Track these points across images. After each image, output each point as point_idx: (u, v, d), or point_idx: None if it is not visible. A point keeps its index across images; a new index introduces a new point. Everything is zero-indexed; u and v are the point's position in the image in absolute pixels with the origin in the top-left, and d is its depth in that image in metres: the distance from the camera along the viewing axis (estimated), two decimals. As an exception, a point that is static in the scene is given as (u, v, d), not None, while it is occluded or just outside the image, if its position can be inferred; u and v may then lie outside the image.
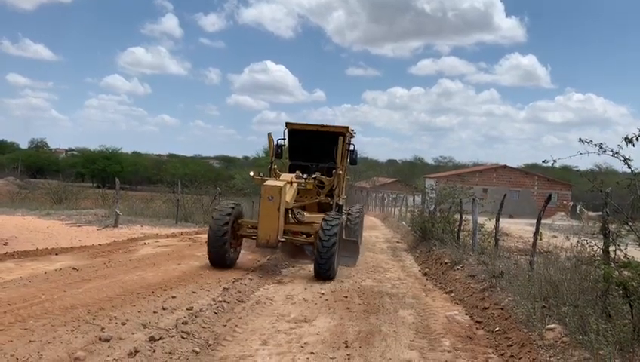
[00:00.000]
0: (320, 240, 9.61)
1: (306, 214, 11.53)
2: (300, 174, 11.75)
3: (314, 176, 12.11)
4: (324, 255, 9.52)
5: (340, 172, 12.33)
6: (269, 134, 12.54)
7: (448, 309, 8.02)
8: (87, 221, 17.82)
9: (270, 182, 10.32)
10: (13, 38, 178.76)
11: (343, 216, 12.79)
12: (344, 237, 11.50)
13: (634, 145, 5.34)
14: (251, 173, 11.65)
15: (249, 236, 10.50)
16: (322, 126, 12.87)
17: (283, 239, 10.07)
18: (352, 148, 13.03)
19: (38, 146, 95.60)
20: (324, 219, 9.92)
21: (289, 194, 10.29)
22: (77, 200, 28.30)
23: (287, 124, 13.07)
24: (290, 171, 12.46)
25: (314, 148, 12.83)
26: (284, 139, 12.92)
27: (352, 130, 13.64)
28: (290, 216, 10.61)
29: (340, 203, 13.04)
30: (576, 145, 5.64)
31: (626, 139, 5.34)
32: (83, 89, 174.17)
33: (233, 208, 10.32)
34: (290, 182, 10.62)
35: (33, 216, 18.60)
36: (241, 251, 10.90)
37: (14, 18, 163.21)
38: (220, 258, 9.94)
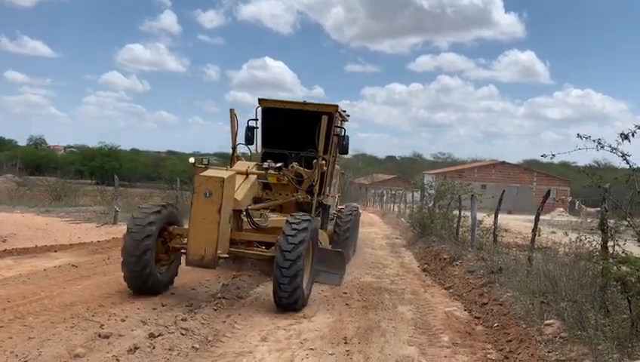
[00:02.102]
0: (281, 251, 6.82)
1: (274, 217, 8.73)
2: (274, 164, 8.80)
3: (292, 165, 9.50)
4: (287, 271, 6.72)
5: (324, 162, 9.64)
6: (232, 111, 9.91)
7: (447, 305, 8.03)
8: (86, 218, 17.80)
9: (209, 171, 7.46)
10: (11, 34, 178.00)
11: (329, 224, 10.99)
12: (325, 245, 9.57)
13: (630, 142, 5.35)
14: (191, 160, 8.28)
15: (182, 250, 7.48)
16: (305, 103, 10.27)
17: (225, 256, 7.17)
18: (341, 132, 10.30)
19: (36, 143, 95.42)
20: (287, 222, 7.13)
21: (242, 190, 7.66)
22: (76, 198, 28.25)
23: (260, 100, 10.35)
24: (264, 159, 9.59)
25: (294, 132, 10.11)
26: (256, 120, 10.20)
27: (344, 112, 10.97)
28: (245, 219, 7.95)
29: (327, 202, 10.55)
30: (575, 141, 5.63)
31: (621, 135, 5.35)
32: (81, 86, 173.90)
33: (160, 210, 7.29)
34: (246, 173, 8.02)
35: (32, 213, 18.58)
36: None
37: (12, 15, 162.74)
38: (141, 280, 7.02)
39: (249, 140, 10.20)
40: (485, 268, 9.12)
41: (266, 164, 8.46)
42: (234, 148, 9.83)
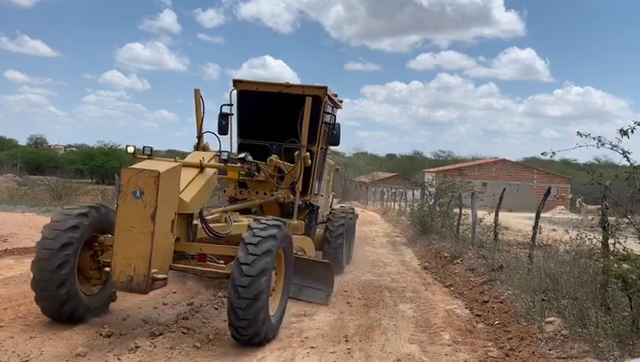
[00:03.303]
0: (238, 264, 5.14)
1: (244, 221, 7.01)
2: (251, 158, 7.10)
3: (270, 158, 8.08)
4: (245, 292, 5.05)
5: (308, 154, 8.24)
6: (196, 91, 8.12)
7: (448, 303, 8.04)
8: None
9: (143, 163, 5.62)
10: (11, 34, 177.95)
11: (319, 228, 9.76)
12: (310, 254, 8.22)
13: (629, 138, 5.36)
14: (130, 149, 6.13)
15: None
16: (288, 85, 8.71)
17: (162, 276, 5.25)
18: (331, 120, 8.70)
19: (37, 143, 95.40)
20: (249, 227, 5.51)
21: (192, 188, 5.89)
22: (76, 197, 28.23)
23: (235, 82, 8.82)
24: (240, 151, 7.98)
25: (277, 119, 8.71)
26: (230, 105, 8.67)
27: (335, 96, 9.39)
28: (201, 226, 6.19)
29: (316, 202, 9.31)
30: (575, 139, 5.64)
31: (621, 131, 5.36)
32: (81, 85, 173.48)
33: (87, 213, 5.64)
34: (200, 166, 6.17)
35: (33, 213, 18.58)
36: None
37: (12, 14, 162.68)
38: (57, 303, 5.42)
39: (222, 129, 8.55)
40: (486, 265, 9.13)
41: (224, 154, 6.36)
42: (199, 137, 8.02)
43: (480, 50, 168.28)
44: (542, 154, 6.56)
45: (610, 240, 5.78)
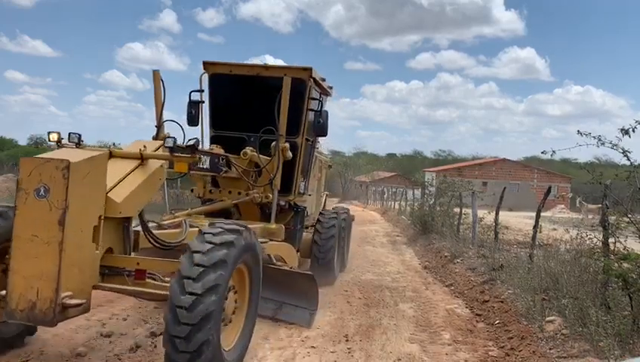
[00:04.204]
0: (179, 278, 4.00)
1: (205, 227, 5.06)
2: (222, 151, 6.62)
3: (244, 151, 6.88)
4: (186, 316, 3.86)
5: (287, 145, 7.03)
6: (155, 73, 6.98)
7: (448, 302, 8.04)
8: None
9: (54, 152, 4.47)
10: (11, 34, 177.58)
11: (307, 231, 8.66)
12: (292, 264, 6.96)
13: (630, 137, 5.36)
14: (53, 137, 4.88)
15: None
16: (267, 67, 7.60)
17: (78, 301, 3.98)
18: (318, 107, 7.68)
19: (37, 143, 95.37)
20: (200, 233, 4.35)
21: (127, 185, 4.58)
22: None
23: (206, 65, 7.68)
24: (213, 144, 7.16)
25: (254, 107, 7.57)
26: (201, 91, 7.60)
27: (323, 80, 8.26)
28: (145, 234, 4.94)
29: (302, 203, 8.11)
30: (575, 138, 5.64)
31: (622, 130, 5.36)
32: (82, 85, 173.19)
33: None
34: (140, 157, 4.80)
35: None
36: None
37: (12, 14, 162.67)
38: None
39: (192, 120, 7.57)
40: (486, 265, 9.13)
41: (169, 141, 4.75)
42: (158, 126, 6.75)
43: (480, 49, 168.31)
44: (542, 153, 6.56)
45: (611, 240, 5.78)
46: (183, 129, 6.35)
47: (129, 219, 4.71)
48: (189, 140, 5.35)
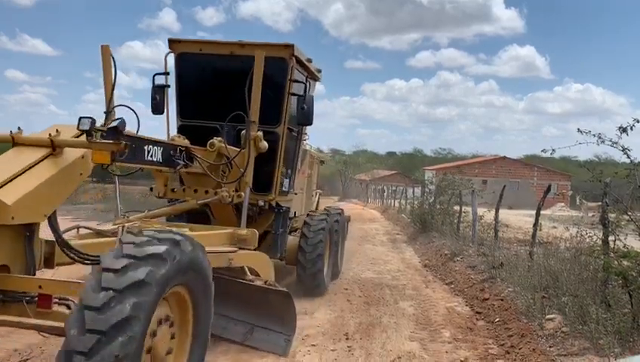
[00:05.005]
0: (80, 310, 2.87)
1: (152, 228, 4.07)
2: (188, 143, 5.40)
3: (211, 141, 5.66)
4: None
5: (260, 133, 6.02)
6: (104, 48, 5.64)
7: (448, 300, 8.04)
8: (87, 216, 17.82)
9: None
10: (10, 33, 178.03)
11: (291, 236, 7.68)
12: (267, 276, 5.55)
13: (628, 135, 5.37)
14: None
15: None
16: (242, 44, 6.62)
17: None
18: (300, 91, 6.76)
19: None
20: (117, 246, 3.32)
21: (23, 182, 3.44)
22: (76, 195, 28.27)
23: (171, 43, 6.82)
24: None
25: (228, 93, 6.37)
26: (166, 74, 6.72)
27: (309, 61, 7.26)
28: (59, 245, 3.77)
29: (286, 204, 7.16)
30: (575, 136, 5.66)
31: (620, 128, 5.37)
32: (81, 83, 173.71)
33: None
34: (51, 145, 3.71)
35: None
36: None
37: (12, 13, 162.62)
38: None
39: (157, 107, 6.72)
40: (486, 263, 9.13)
41: (84, 122, 3.69)
42: (107, 112, 5.32)
43: (480, 47, 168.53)
44: (542, 151, 6.56)
45: (611, 238, 5.78)
46: (137, 116, 4.84)
47: (32, 227, 3.55)
48: (114, 120, 4.13)
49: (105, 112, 5.38)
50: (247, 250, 5.49)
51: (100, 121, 3.86)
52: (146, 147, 4.46)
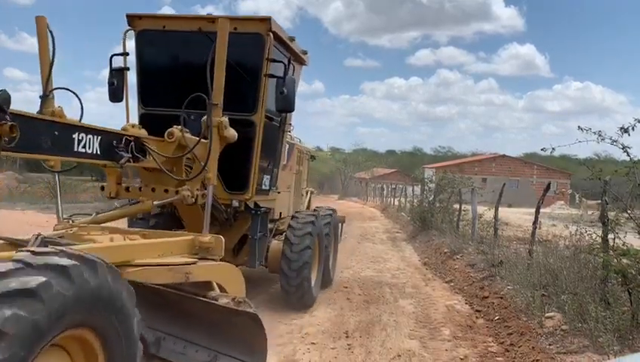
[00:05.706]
0: None
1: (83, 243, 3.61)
2: (141, 132, 4.70)
3: (170, 130, 4.75)
4: None
5: (225, 119, 4.76)
6: (40, 19, 4.59)
7: (448, 298, 8.05)
8: (87, 214, 17.82)
9: None
10: (9, 31, 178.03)
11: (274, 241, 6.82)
12: (236, 292, 4.33)
13: (629, 135, 5.38)
14: None
15: None
16: (212, 19, 5.57)
17: None
18: (277, 72, 5.87)
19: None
20: (14, 260, 2.37)
21: None
22: (76, 194, 28.26)
23: (131, 18, 6.04)
24: (144, 127, 4.96)
25: (196, 76, 4.97)
26: (125, 54, 5.98)
27: (292, 40, 6.45)
28: None
29: (266, 204, 6.42)
30: (575, 134, 5.66)
31: (621, 128, 5.38)
32: (81, 82, 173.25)
33: None
34: None
35: (33, 211, 18.60)
36: None
37: (11, 12, 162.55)
38: None
39: (115, 94, 5.97)
40: (486, 261, 9.14)
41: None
42: (44, 95, 4.38)
43: (480, 45, 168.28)
44: (542, 149, 6.55)
45: (610, 236, 5.78)
46: (81, 101, 4.32)
47: None
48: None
49: (40, 96, 4.41)
50: (212, 260, 4.45)
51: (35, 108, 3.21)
52: (75, 135, 3.67)
